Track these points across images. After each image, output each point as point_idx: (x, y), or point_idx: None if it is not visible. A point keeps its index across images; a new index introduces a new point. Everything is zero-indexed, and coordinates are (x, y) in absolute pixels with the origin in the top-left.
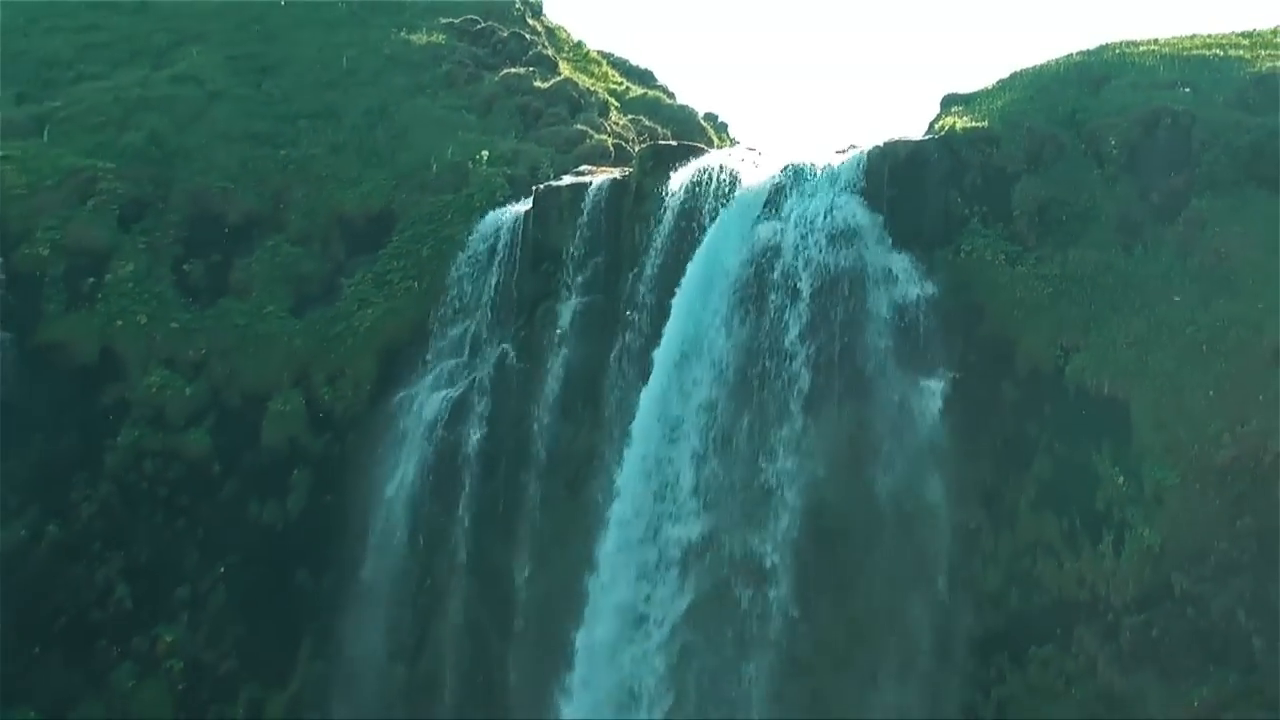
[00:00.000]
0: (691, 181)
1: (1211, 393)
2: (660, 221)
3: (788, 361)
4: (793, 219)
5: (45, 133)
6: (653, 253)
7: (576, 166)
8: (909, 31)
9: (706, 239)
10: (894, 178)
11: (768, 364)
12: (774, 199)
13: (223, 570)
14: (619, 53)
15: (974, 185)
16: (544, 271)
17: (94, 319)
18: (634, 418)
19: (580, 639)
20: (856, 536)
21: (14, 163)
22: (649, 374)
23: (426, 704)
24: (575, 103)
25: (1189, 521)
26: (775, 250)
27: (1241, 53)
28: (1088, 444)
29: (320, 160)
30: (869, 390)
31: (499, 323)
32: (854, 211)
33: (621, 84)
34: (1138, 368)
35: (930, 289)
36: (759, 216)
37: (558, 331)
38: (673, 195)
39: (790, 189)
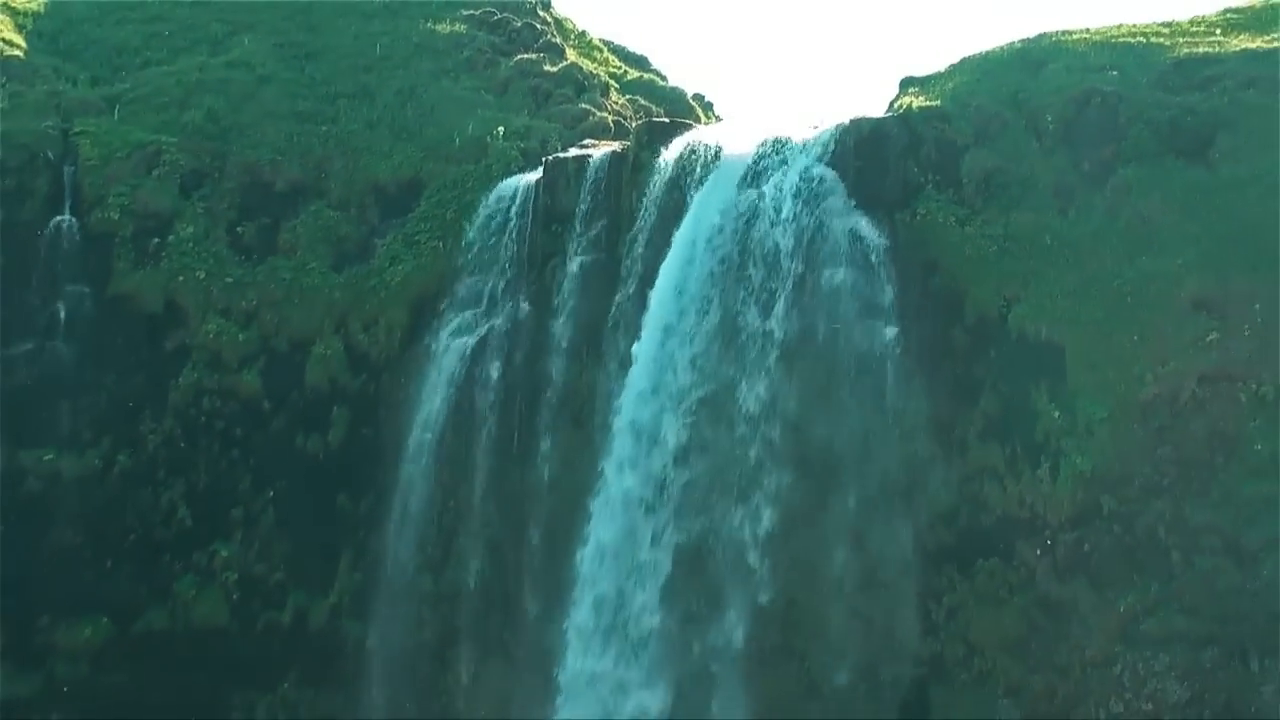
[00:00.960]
0: (681, 154)
1: (1136, 338)
2: (654, 188)
3: (764, 311)
4: (770, 185)
5: (116, 111)
6: (648, 216)
7: (581, 140)
8: (870, 19)
9: (694, 203)
10: (859, 150)
11: (746, 314)
12: (753, 168)
13: (272, 494)
14: (618, 40)
15: (928, 156)
16: (553, 232)
17: (159, 274)
18: (634, 359)
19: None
20: (826, 463)
21: (89, 137)
22: (644, 322)
23: (450, 609)
24: (580, 85)
25: (1116, 450)
26: (754, 213)
27: (1162, 40)
28: (1028, 383)
29: (357, 135)
30: (836, 336)
31: (514, 277)
32: (824, 179)
33: (620, 68)
34: (1071, 316)
35: (890, 247)
36: (740, 183)
37: (565, 285)
38: (665, 166)
39: (768, 159)
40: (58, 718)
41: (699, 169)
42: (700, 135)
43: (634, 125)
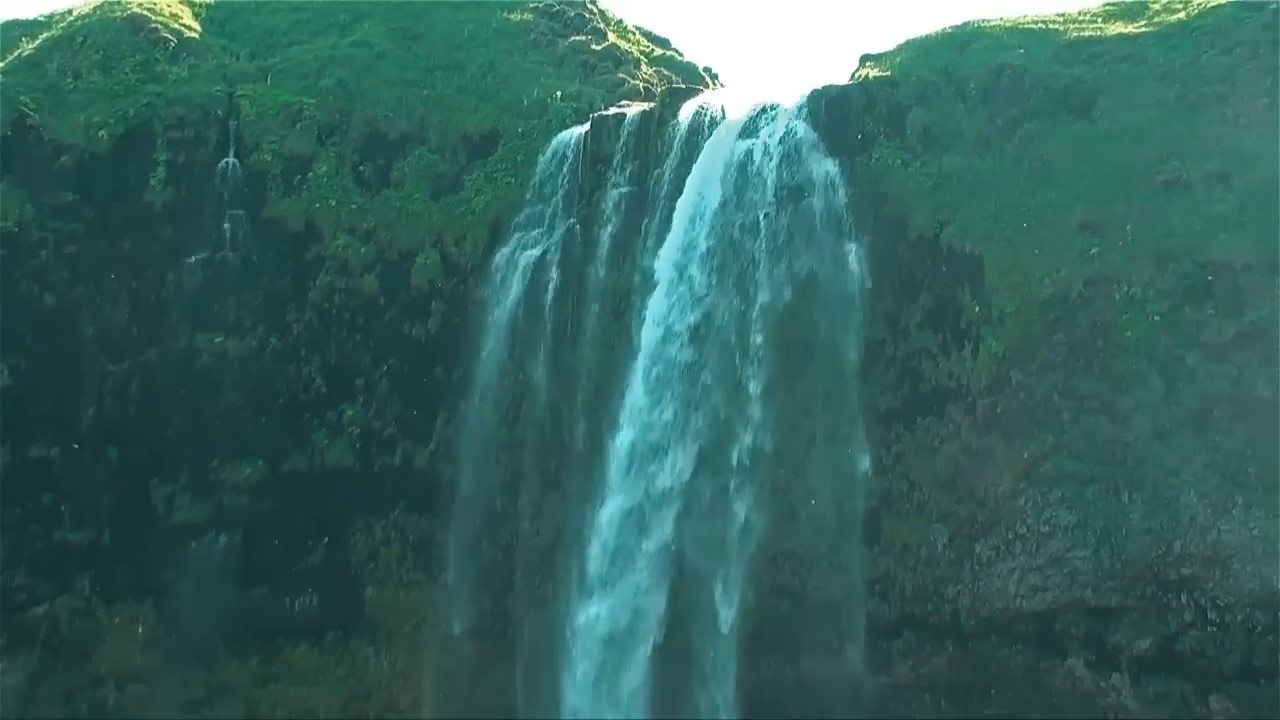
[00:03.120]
0: (695, 112)
1: (1037, 251)
2: (674, 138)
3: (757, 231)
4: (761, 136)
5: (268, 79)
6: (669, 160)
7: (619, 102)
8: (839, 6)
9: (704, 150)
10: (829, 109)
11: (744, 234)
12: (749, 123)
13: (385, 368)
14: (646, 26)
15: (881, 114)
16: (597, 171)
17: (301, 202)
18: (658, 266)
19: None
20: (804, 343)
21: (248, 99)
22: (666, 238)
23: (519, 455)
24: (618, 60)
25: (1021, 336)
26: (749, 158)
27: (1058, 26)
28: (955, 285)
29: (450, 97)
30: (811, 250)
31: (567, 205)
32: (802, 132)
33: (649, 47)
34: (988, 235)
35: (851, 182)
36: (739, 135)
37: (606, 210)
38: (682, 121)
39: (760, 117)
40: (225, 537)
41: (707, 124)
42: (708, 99)
43: (659, 91)
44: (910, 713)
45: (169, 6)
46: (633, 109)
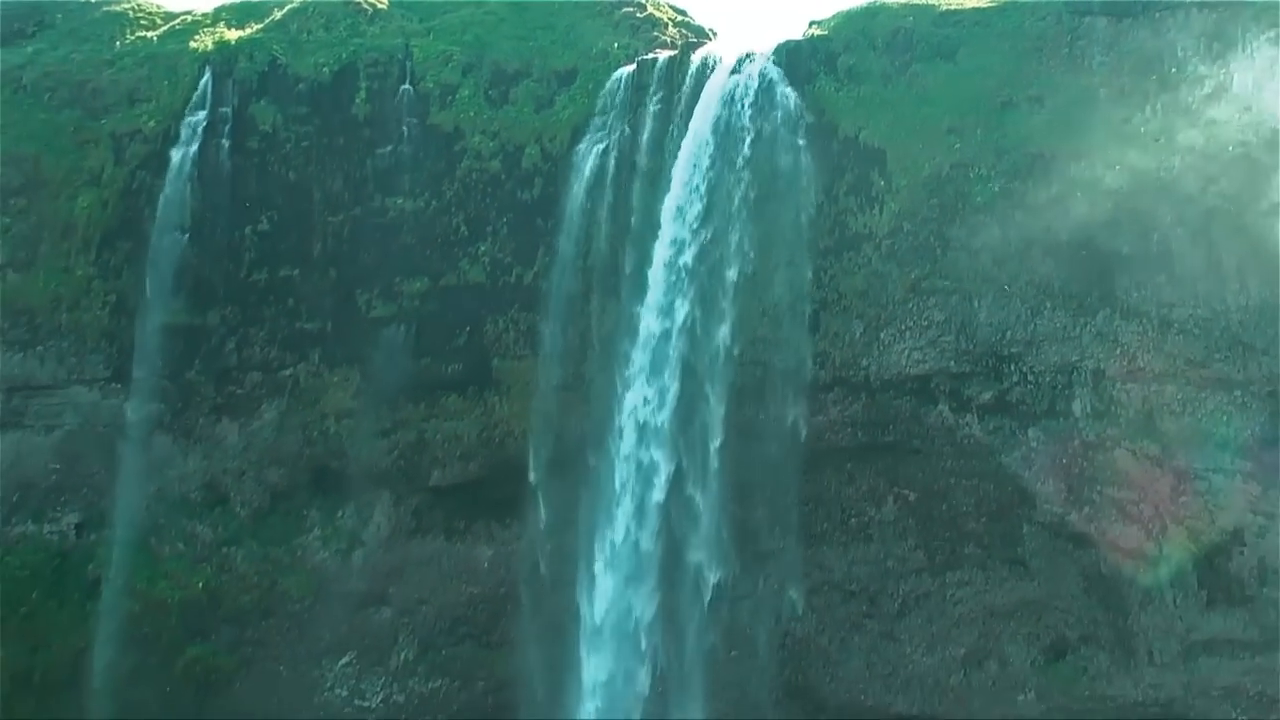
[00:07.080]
0: (702, 58)
1: (920, 146)
2: (688, 75)
3: (743, 134)
4: (745, 73)
5: (431, 35)
6: (685, 88)
7: (654, 50)
8: None
9: (707, 82)
10: (789, 56)
11: (734, 137)
12: (737, 65)
13: (505, 219)
14: (671, 1)
15: (822, 59)
16: (640, 95)
17: (451, 114)
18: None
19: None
20: (773, 207)
21: (418, 48)
22: (684, 138)
23: (588, 275)
24: (654, 23)
25: (910, 200)
26: (736, 89)
27: (934, 2)
28: (868, 168)
29: (546, 47)
30: (776, 146)
31: (621, 116)
32: (771, 70)
33: (674, 15)
34: (889, 136)
35: (801, 103)
36: (730, 72)
37: (645, 120)
38: (693, 64)
39: (744, 61)
40: (404, 326)
41: (710, 65)
42: (711, 49)
43: (679, 44)
44: (837, 440)
45: None
46: (663, 55)
